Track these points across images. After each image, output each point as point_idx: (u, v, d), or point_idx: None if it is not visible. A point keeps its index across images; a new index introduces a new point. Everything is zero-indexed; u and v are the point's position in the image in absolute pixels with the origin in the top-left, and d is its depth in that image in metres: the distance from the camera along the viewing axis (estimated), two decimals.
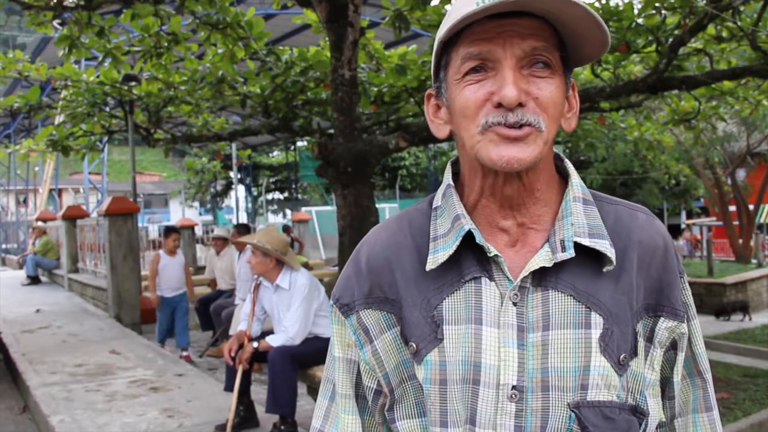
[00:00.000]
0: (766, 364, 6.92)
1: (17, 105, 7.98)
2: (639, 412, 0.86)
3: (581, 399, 0.83)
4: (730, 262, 15.48)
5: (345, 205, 4.66)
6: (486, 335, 0.84)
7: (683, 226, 26.05)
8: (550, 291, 0.85)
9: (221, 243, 7.83)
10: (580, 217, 0.88)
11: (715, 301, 11.08)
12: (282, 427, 4.01)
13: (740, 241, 16.14)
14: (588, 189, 0.93)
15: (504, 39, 0.82)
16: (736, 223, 16.50)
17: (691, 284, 0.95)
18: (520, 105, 0.81)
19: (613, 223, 0.90)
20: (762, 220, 19.38)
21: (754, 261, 15.88)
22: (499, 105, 0.82)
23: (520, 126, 0.82)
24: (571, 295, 0.84)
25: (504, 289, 0.85)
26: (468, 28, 0.83)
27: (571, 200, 0.89)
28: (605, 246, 0.86)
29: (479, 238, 0.86)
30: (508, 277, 0.85)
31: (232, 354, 4.16)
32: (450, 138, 0.96)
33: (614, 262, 0.85)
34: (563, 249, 0.85)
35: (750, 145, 15.95)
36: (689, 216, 26.72)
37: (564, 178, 0.93)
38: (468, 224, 0.87)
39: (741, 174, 16.59)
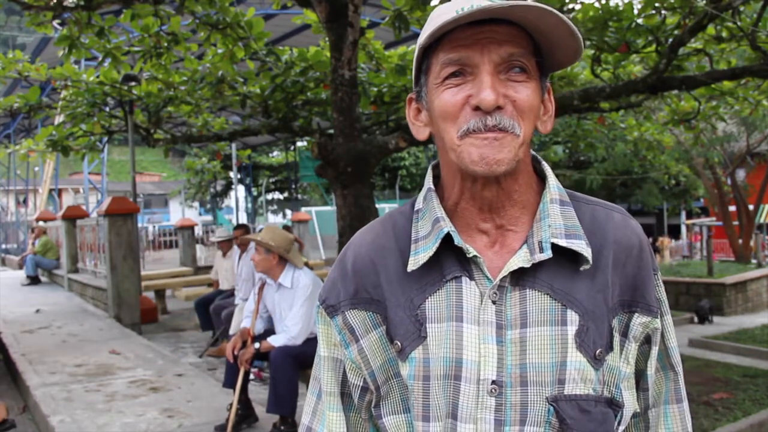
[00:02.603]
0: (766, 364, 6.92)
1: (17, 105, 7.98)
2: (614, 404, 0.90)
3: (559, 393, 0.86)
4: (730, 262, 15.48)
5: (345, 205, 4.66)
6: (467, 332, 0.88)
7: (683, 226, 26.05)
8: (528, 290, 0.88)
9: (227, 245, 7.84)
10: (557, 219, 0.91)
11: (717, 301, 11.08)
12: (282, 428, 4.01)
13: (740, 241, 16.14)
14: (564, 189, 0.96)
15: (482, 45, 0.85)
16: (735, 223, 16.50)
17: (690, 284, 0.97)
18: (498, 108, 0.85)
19: (589, 223, 0.93)
20: (762, 220, 19.38)
21: (754, 261, 15.88)
22: (477, 108, 0.85)
23: (497, 130, 0.85)
24: (547, 294, 0.88)
25: (484, 288, 0.89)
26: (448, 35, 0.87)
27: (548, 202, 0.93)
28: (581, 246, 0.89)
29: (458, 240, 0.89)
30: (487, 277, 0.89)
31: (236, 352, 4.17)
32: (432, 140, 1.00)
33: (590, 261, 0.89)
34: (541, 250, 0.89)
35: (750, 145, 15.95)
36: (689, 216, 26.71)
37: (542, 179, 0.97)
38: (447, 227, 0.90)
39: (741, 174, 16.59)
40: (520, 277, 0.88)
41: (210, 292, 8.10)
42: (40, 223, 14.02)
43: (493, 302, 0.88)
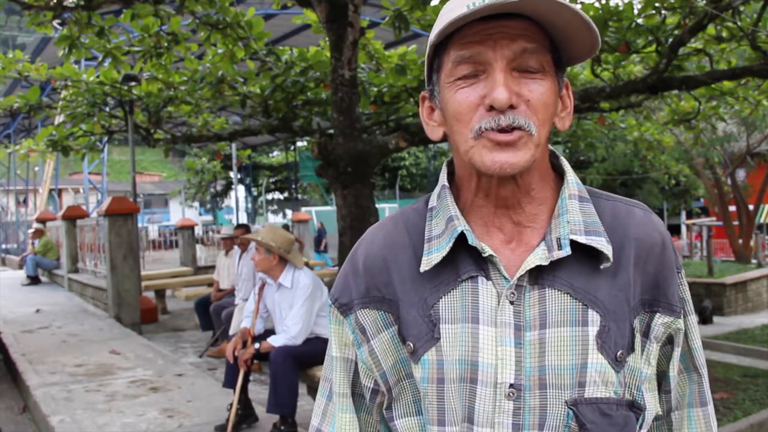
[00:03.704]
0: (766, 364, 6.92)
1: (17, 105, 7.98)
2: (636, 407, 0.87)
3: (579, 396, 0.84)
4: (730, 262, 15.48)
5: (345, 205, 4.66)
6: (483, 334, 0.85)
7: (683, 226, 26.05)
8: (547, 289, 0.85)
9: (230, 242, 7.83)
10: (576, 215, 0.88)
11: (717, 301, 11.08)
12: (282, 427, 4.01)
13: (740, 241, 16.14)
14: (584, 186, 0.93)
15: (494, 41, 0.82)
16: (736, 223, 16.49)
17: (690, 284, 0.96)
18: (512, 107, 0.82)
19: (609, 219, 0.90)
20: (762, 220, 19.37)
21: (754, 261, 15.88)
22: (491, 108, 0.82)
23: (512, 129, 0.82)
24: (567, 293, 0.85)
25: (501, 288, 0.85)
26: (459, 31, 0.84)
27: (566, 198, 0.89)
28: (602, 243, 0.86)
29: (472, 240, 0.86)
30: (504, 276, 0.86)
31: (236, 353, 4.17)
32: (445, 139, 0.96)
33: (611, 259, 0.85)
34: (559, 247, 0.85)
35: (750, 145, 15.95)
36: (689, 216, 26.72)
37: (560, 175, 0.94)
38: (461, 225, 0.87)
39: (741, 174, 16.59)
40: (538, 276, 0.85)
41: (209, 292, 8.08)
42: (36, 224, 13.94)
43: (511, 303, 0.84)
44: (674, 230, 27.25)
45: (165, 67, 6.61)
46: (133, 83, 7.75)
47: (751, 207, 16.52)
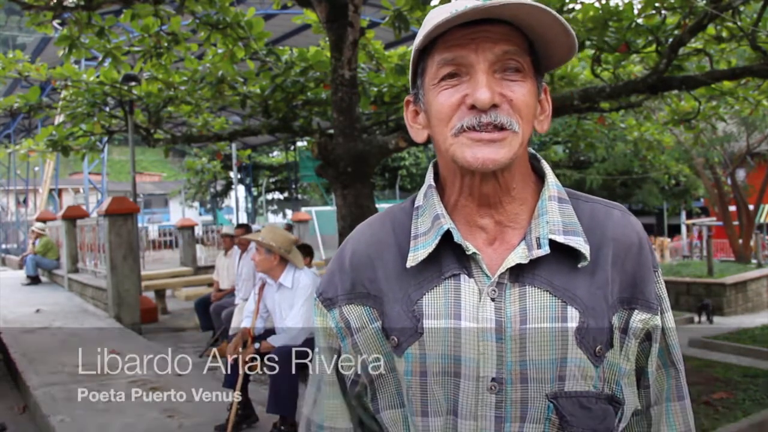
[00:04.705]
0: (766, 364, 6.92)
1: (17, 105, 7.97)
2: (615, 401, 0.91)
3: (559, 390, 0.87)
4: (730, 262, 15.47)
5: (345, 205, 4.66)
6: (465, 330, 0.88)
7: (683, 226, 26.05)
8: (527, 287, 0.88)
9: (229, 241, 7.82)
10: (555, 215, 0.91)
11: (717, 301, 11.08)
12: (282, 427, 4.01)
13: (740, 241, 16.13)
14: (564, 188, 0.96)
15: (477, 44, 0.86)
16: (736, 223, 16.49)
17: (690, 284, 0.97)
18: (494, 107, 0.85)
19: (588, 220, 0.93)
20: (762, 220, 19.37)
21: (754, 261, 15.87)
22: (473, 107, 0.85)
23: (494, 128, 0.85)
24: (547, 291, 0.88)
25: (482, 285, 0.89)
26: (443, 36, 0.87)
27: (546, 199, 0.93)
28: (579, 243, 0.89)
29: (458, 237, 0.89)
30: (486, 274, 0.89)
31: (236, 354, 4.17)
32: (429, 141, 0.99)
33: (588, 259, 0.89)
34: (539, 246, 0.88)
35: (750, 145, 15.95)
36: (689, 216, 26.70)
37: (540, 177, 0.97)
38: (447, 224, 0.91)
39: (741, 174, 16.59)
40: (519, 274, 0.89)
41: (210, 292, 8.08)
42: (37, 225, 13.94)
43: (492, 299, 0.87)
44: (674, 230, 27.25)
45: (165, 67, 6.61)
46: (133, 83, 7.74)
47: (751, 207, 16.52)
